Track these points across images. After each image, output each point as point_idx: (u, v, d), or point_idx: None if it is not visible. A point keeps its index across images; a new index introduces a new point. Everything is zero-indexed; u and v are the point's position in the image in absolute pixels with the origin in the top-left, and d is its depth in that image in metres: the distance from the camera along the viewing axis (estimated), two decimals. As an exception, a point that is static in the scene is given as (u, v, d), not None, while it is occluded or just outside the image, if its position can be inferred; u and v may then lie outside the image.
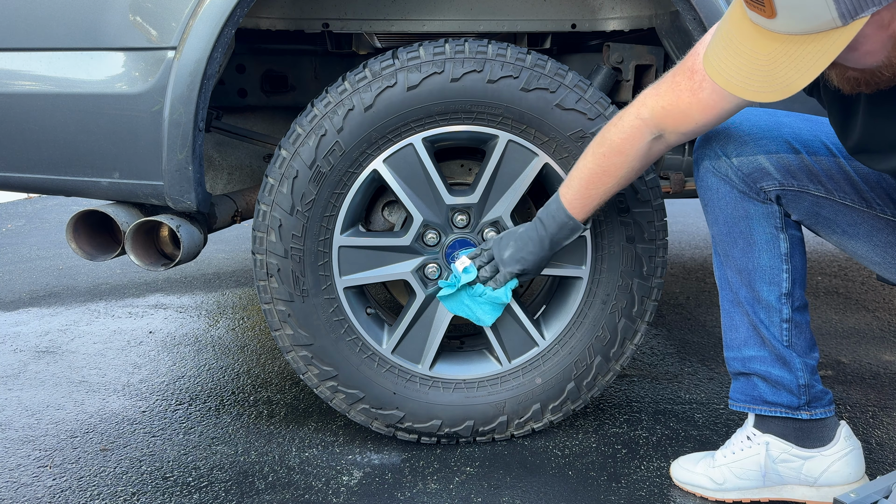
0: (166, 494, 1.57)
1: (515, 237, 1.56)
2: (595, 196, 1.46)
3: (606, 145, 1.41)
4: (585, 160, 1.45)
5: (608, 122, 1.44)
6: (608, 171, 1.42)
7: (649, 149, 1.39)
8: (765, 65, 0.97)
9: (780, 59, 0.95)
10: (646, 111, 1.36)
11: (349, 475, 1.64)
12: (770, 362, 1.48)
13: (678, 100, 1.31)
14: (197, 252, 1.69)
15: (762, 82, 0.97)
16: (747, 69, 0.98)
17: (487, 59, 1.58)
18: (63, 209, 5.18)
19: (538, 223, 1.52)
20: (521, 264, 1.55)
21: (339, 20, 1.81)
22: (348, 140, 1.59)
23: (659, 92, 1.35)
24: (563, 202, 1.49)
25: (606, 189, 1.45)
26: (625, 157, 1.40)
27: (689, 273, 3.34)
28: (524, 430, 1.76)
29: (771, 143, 1.40)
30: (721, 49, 1.02)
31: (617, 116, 1.41)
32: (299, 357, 1.68)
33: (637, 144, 1.38)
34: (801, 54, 0.94)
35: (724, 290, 1.52)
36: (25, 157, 1.57)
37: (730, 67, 1.00)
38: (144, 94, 1.50)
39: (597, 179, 1.44)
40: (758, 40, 0.97)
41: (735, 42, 1.00)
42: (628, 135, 1.38)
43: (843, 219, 1.41)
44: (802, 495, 1.51)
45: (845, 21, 0.90)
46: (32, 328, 2.67)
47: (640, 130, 1.37)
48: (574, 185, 1.47)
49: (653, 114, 1.35)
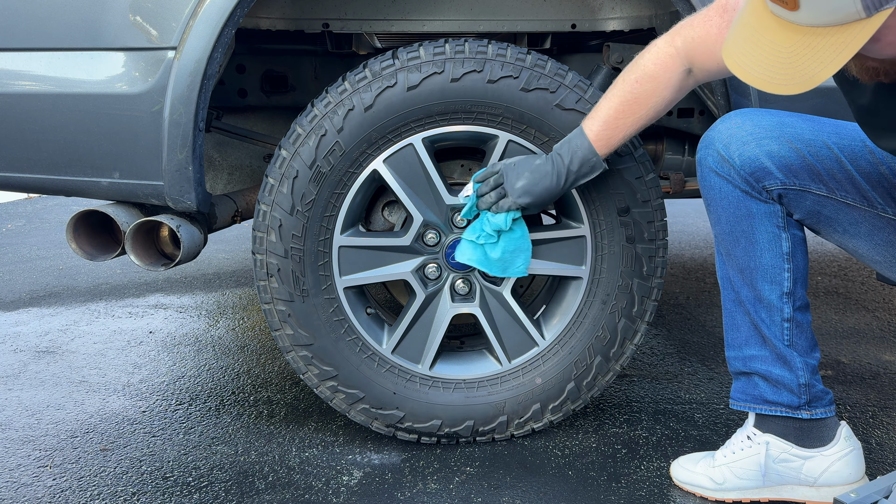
0: (166, 494, 1.57)
1: (531, 168, 1.51)
2: (623, 127, 1.44)
3: (640, 71, 1.41)
4: (616, 89, 1.43)
5: (641, 51, 1.43)
6: (639, 98, 1.41)
7: (682, 80, 1.40)
8: (787, 57, 0.95)
9: (803, 51, 0.94)
10: (679, 40, 1.37)
11: (349, 475, 1.64)
12: (771, 362, 1.48)
13: (707, 34, 1.32)
14: (197, 252, 1.69)
15: (784, 75, 0.96)
16: (768, 62, 0.97)
17: (487, 59, 1.58)
18: (63, 209, 5.18)
19: (557, 157, 1.49)
20: (531, 197, 1.51)
21: (339, 20, 1.82)
22: (348, 140, 1.59)
23: (693, 24, 1.36)
24: (587, 134, 1.46)
25: (636, 119, 1.43)
26: (657, 83, 1.40)
27: (689, 273, 3.34)
28: (524, 430, 1.76)
29: (773, 143, 1.40)
30: (741, 41, 1.00)
31: (651, 44, 1.42)
32: (299, 357, 1.68)
33: (670, 73, 1.39)
34: (823, 46, 0.93)
35: (725, 290, 1.52)
36: (25, 157, 1.57)
37: (750, 60, 0.99)
38: (144, 94, 1.50)
39: (627, 108, 1.42)
40: (779, 32, 0.96)
41: (755, 34, 0.99)
42: (662, 61, 1.39)
43: (845, 218, 1.41)
44: (802, 495, 1.51)
45: (869, 13, 0.89)
46: (32, 328, 2.67)
47: (674, 59, 1.38)
48: (601, 116, 1.45)
49: (685, 43, 1.36)
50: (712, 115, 1.92)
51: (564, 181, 1.49)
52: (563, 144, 1.50)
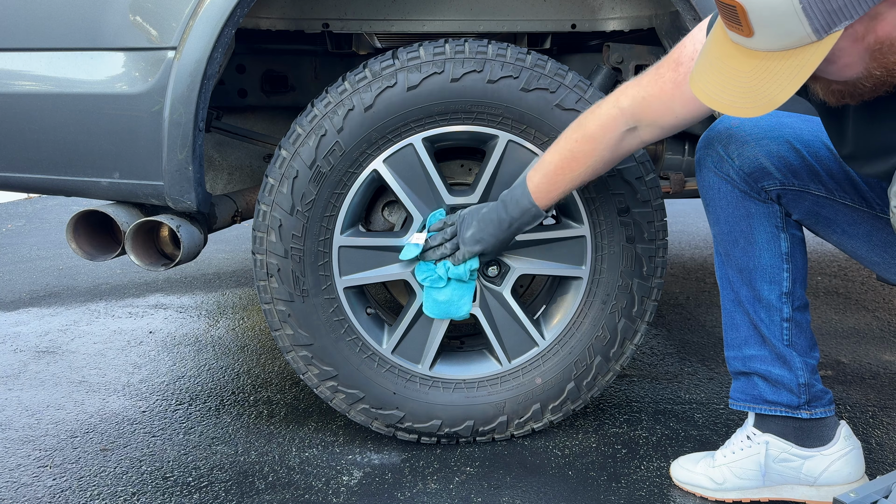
0: (166, 494, 1.57)
1: (479, 217, 1.55)
2: (561, 183, 1.46)
3: (580, 131, 1.41)
4: (558, 145, 1.45)
5: (587, 110, 1.44)
6: (577, 158, 1.42)
7: (621, 140, 1.39)
8: (746, 81, 0.99)
9: (761, 75, 0.97)
10: (625, 100, 1.36)
11: (349, 475, 1.64)
12: (770, 361, 1.48)
13: (661, 91, 1.31)
14: (197, 252, 1.69)
15: (745, 99, 0.99)
16: (731, 87, 1.01)
17: (487, 60, 1.58)
18: (63, 209, 5.18)
19: (501, 206, 1.52)
20: (481, 245, 1.54)
21: (339, 20, 1.81)
22: (348, 140, 1.59)
23: (641, 83, 1.35)
24: (528, 186, 1.48)
25: (574, 177, 1.44)
26: (596, 144, 1.40)
27: (689, 273, 3.34)
28: (524, 430, 1.76)
29: (772, 143, 1.41)
30: (706, 69, 1.04)
31: (596, 104, 1.42)
32: (299, 357, 1.68)
33: (610, 133, 1.38)
34: (780, 69, 0.96)
35: (724, 290, 1.52)
36: (25, 157, 1.57)
37: (714, 86, 1.02)
38: (144, 94, 1.50)
39: (566, 165, 1.43)
40: (739, 59, 1.00)
41: (718, 61, 1.02)
42: (603, 122, 1.38)
43: (843, 218, 1.41)
44: (802, 495, 1.51)
45: (820, 36, 0.92)
46: (32, 328, 2.67)
47: (616, 120, 1.37)
48: (542, 170, 1.47)
49: (632, 103, 1.35)
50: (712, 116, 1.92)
51: (509, 228, 1.52)
52: (507, 193, 1.52)
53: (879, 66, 0.98)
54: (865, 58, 0.97)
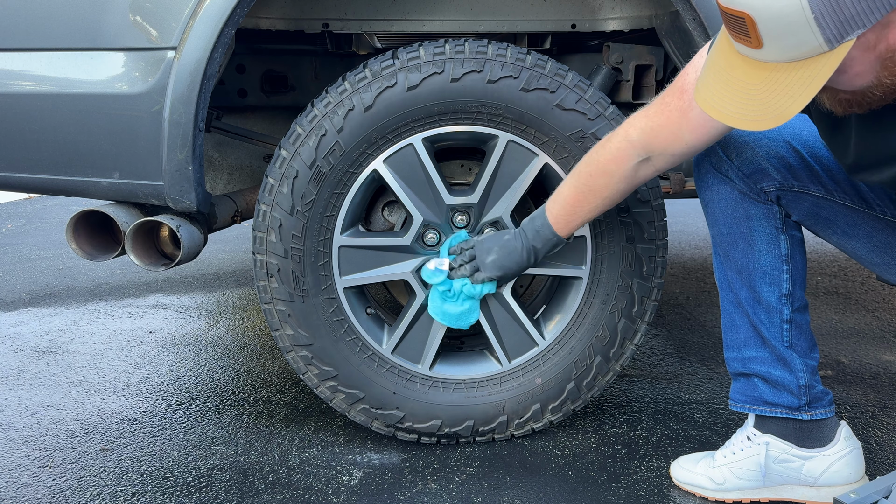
0: (166, 494, 1.57)
1: (500, 244, 1.56)
2: (580, 214, 1.48)
3: (593, 165, 1.43)
4: (573, 178, 1.46)
5: (597, 143, 1.45)
6: (594, 190, 1.44)
7: (636, 171, 1.40)
8: (757, 94, 0.97)
9: (772, 87, 0.96)
10: (634, 132, 1.36)
11: (349, 475, 1.64)
12: (770, 363, 1.48)
13: (668, 120, 1.32)
14: (197, 252, 1.69)
15: (756, 111, 0.98)
16: (740, 100, 0.99)
17: (487, 60, 1.58)
18: (63, 209, 5.18)
19: (522, 234, 1.54)
20: (502, 271, 1.57)
21: (339, 20, 1.81)
22: (348, 140, 1.59)
23: (648, 114, 1.35)
24: (548, 218, 1.50)
25: (591, 209, 1.47)
26: (610, 177, 1.41)
27: (689, 273, 3.34)
28: (524, 430, 1.76)
29: (771, 144, 1.40)
30: (712, 82, 1.02)
31: (606, 138, 1.43)
32: (299, 357, 1.68)
33: (623, 166, 1.39)
34: (791, 81, 0.95)
35: (724, 291, 1.52)
36: (25, 157, 1.57)
37: (722, 99, 1.01)
38: (144, 94, 1.50)
39: (582, 198, 1.46)
40: (747, 71, 0.98)
41: (724, 73, 1.01)
42: (614, 156, 1.39)
43: (843, 219, 1.41)
44: (802, 495, 1.51)
45: (832, 45, 0.91)
46: (32, 328, 2.67)
47: (627, 152, 1.38)
48: (560, 202, 1.49)
49: (641, 135, 1.35)
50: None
51: (532, 256, 1.54)
52: (528, 222, 1.54)
53: (890, 74, 0.97)
54: (876, 66, 0.96)
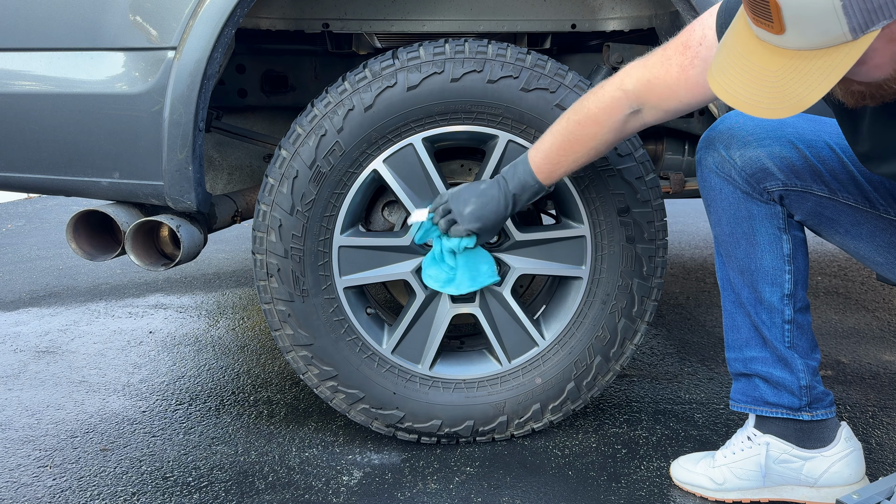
0: (166, 494, 1.57)
1: (477, 193, 1.52)
2: (564, 163, 1.45)
3: (582, 113, 1.40)
4: (559, 125, 1.43)
5: (588, 90, 1.42)
6: (580, 139, 1.41)
7: (625, 122, 1.38)
8: (774, 81, 0.95)
9: (790, 75, 0.94)
10: (630, 82, 1.34)
11: (349, 475, 1.64)
12: (771, 363, 1.48)
13: (667, 74, 1.30)
14: (197, 252, 1.69)
15: (772, 99, 0.96)
16: (755, 86, 0.97)
17: (487, 59, 1.58)
18: (63, 209, 5.18)
19: (501, 181, 1.51)
20: (481, 221, 1.52)
21: (339, 20, 1.81)
22: (348, 140, 1.59)
23: (647, 64, 1.33)
24: (530, 165, 1.47)
25: (576, 158, 1.44)
26: (599, 127, 1.39)
27: (689, 273, 3.34)
28: (524, 430, 1.76)
29: (774, 144, 1.40)
30: (727, 66, 1.00)
31: (598, 86, 1.40)
32: (299, 357, 1.68)
33: (614, 116, 1.37)
34: (811, 70, 0.93)
35: (726, 291, 1.52)
36: (25, 157, 1.57)
37: (737, 85, 0.99)
38: (144, 94, 1.50)
39: (568, 147, 1.43)
40: (765, 57, 0.96)
41: (741, 58, 0.98)
42: (606, 104, 1.37)
43: (846, 219, 1.40)
44: (803, 496, 1.51)
45: (856, 35, 0.89)
46: (32, 328, 2.67)
47: (620, 102, 1.36)
48: (544, 149, 1.46)
49: (636, 86, 1.33)
50: (712, 115, 1.91)
51: (511, 203, 1.51)
52: (508, 170, 1.51)
53: None
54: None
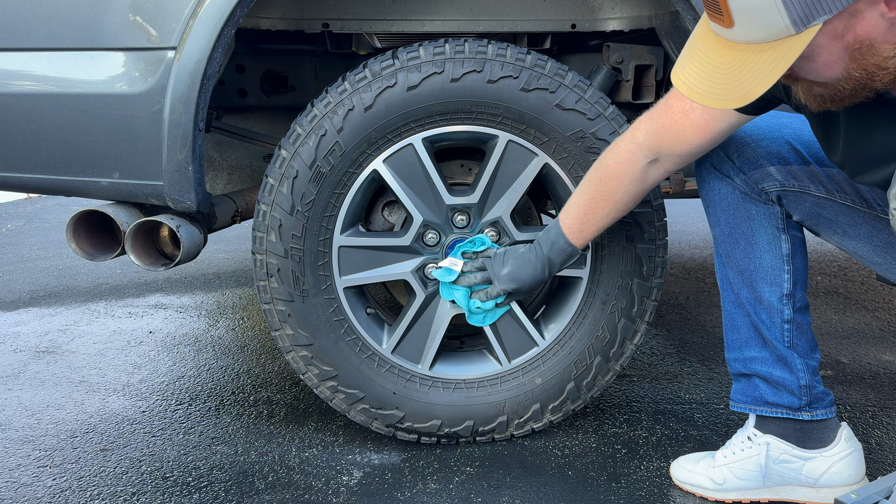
0: (166, 494, 1.57)
1: (515, 256, 1.57)
2: (593, 221, 1.48)
3: (602, 171, 1.44)
4: (584, 186, 1.47)
5: (606, 149, 1.46)
6: (605, 195, 1.45)
7: (645, 173, 1.42)
8: (724, 73, 0.99)
9: (739, 67, 0.98)
10: (640, 135, 1.39)
11: (349, 475, 1.64)
12: (771, 363, 1.48)
13: (672, 121, 1.34)
14: (197, 252, 1.69)
15: (722, 90, 1.00)
16: (709, 78, 1.01)
17: (487, 59, 1.58)
18: (63, 209, 5.18)
19: (537, 246, 1.55)
20: (517, 283, 1.57)
21: (339, 20, 1.81)
22: (348, 140, 1.59)
23: (653, 116, 1.38)
24: (562, 228, 1.51)
25: (604, 214, 1.47)
26: (620, 180, 1.42)
27: (689, 273, 3.34)
28: (524, 430, 1.76)
29: (772, 145, 1.41)
30: (687, 60, 1.05)
31: (614, 143, 1.44)
32: (299, 357, 1.68)
33: (633, 168, 1.41)
34: (757, 62, 0.96)
35: (725, 291, 1.52)
36: (25, 157, 1.57)
37: (694, 78, 1.03)
38: (144, 94, 1.50)
39: (594, 205, 1.46)
40: (720, 51, 1.00)
41: (699, 53, 1.03)
42: (623, 158, 1.41)
43: (844, 219, 1.41)
44: (803, 496, 1.51)
45: (798, 29, 0.92)
46: (32, 328, 2.67)
47: (635, 154, 1.40)
48: (573, 211, 1.50)
49: (647, 137, 1.38)
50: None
51: (546, 268, 1.54)
52: (542, 234, 1.55)
53: (859, 67, 0.97)
54: (845, 58, 0.97)
